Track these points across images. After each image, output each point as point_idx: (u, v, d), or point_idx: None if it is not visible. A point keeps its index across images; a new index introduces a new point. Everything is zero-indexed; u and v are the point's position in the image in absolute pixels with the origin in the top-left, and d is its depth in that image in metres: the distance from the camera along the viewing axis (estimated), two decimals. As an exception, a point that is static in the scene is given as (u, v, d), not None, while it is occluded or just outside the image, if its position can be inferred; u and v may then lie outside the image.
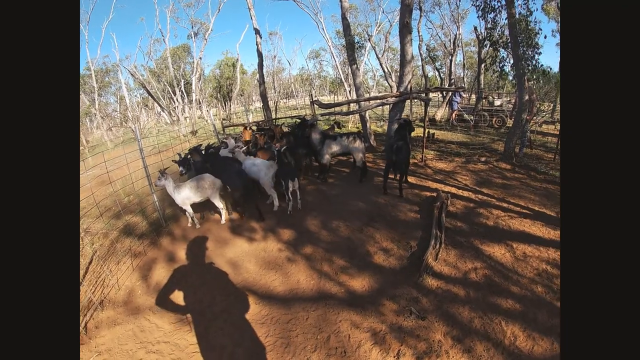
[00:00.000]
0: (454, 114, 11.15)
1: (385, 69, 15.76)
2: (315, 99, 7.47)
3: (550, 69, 6.20)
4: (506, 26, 6.12)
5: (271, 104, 13.66)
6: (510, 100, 11.41)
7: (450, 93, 11.30)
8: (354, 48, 8.64)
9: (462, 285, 2.89)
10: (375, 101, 7.50)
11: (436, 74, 21.16)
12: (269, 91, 24.57)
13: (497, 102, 11.89)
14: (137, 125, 5.64)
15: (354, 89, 8.51)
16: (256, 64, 11.83)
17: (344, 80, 17.81)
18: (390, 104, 6.73)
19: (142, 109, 21.92)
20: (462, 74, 18.13)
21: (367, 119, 8.19)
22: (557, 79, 10.85)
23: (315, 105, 7.31)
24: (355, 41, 9.23)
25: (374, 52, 16.52)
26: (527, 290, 2.75)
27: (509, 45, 6.02)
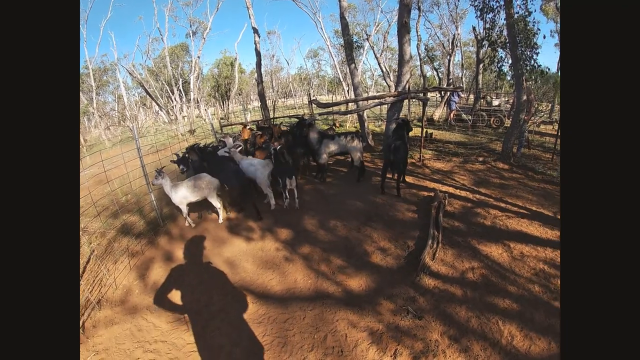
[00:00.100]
0: (452, 114, 11.16)
1: (384, 69, 15.76)
2: (313, 98, 7.45)
3: (549, 69, 6.21)
4: (505, 26, 6.13)
5: (269, 104, 13.62)
6: (508, 100, 11.42)
7: (449, 93, 11.30)
8: (353, 47, 8.64)
9: (459, 284, 2.90)
10: (373, 101, 7.49)
11: (434, 73, 21.17)
12: (267, 90, 24.55)
13: (495, 102, 11.90)
14: (135, 124, 5.61)
15: (352, 89, 8.50)
16: (254, 63, 11.85)
17: (342, 79, 17.79)
18: (388, 104, 6.74)
19: (140, 108, 21.81)
20: (460, 73, 18.12)
21: (365, 118, 8.18)
22: (555, 79, 10.87)
23: (314, 105, 7.30)
24: (354, 41, 9.25)
25: (372, 52, 16.53)
26: (524, 290, 2.75)
27: (508, 45, 6.02)
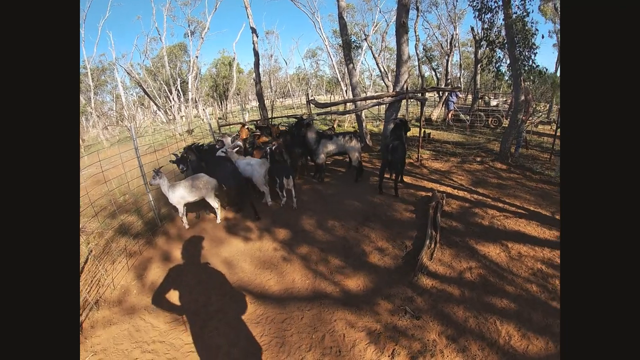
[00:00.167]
0: (450, 114, 11.17)
1: (382, 69, 15.76)
2: (311, 98, 7.43)
3: (547, 69, 6.22)
4: (503, 27, 6.14)
5: (267, 103, 13.61)
6: (506, 101, 11.43)
7: (447, 93, 11.31)
8: (351, 47, 8.64)
9: (457, 284, 2.91)
10: (372, 101, 7.49)
11: (433, 74, 21.21)
12: (266, 90, 24.52)
13: (494, 102, 11.91)
14: (133, 124, 5.59)
15: (351, 89, 8.50)
16: (252, 63, 11.82)
17: (340, 79, 17.78)
18: (387, 104, 6.74)
19: (138, 108, 21.73)
20: (458, 74, 18.13)
21: (363, 118, 8.19)
22: (553, 79, 10.91)
23: (312, 105, 7.30)
24: (352, 41, 9.25)
25: (370, 52, 16.50)
26: (522, 290, 2.77)
27: (506, 45, 6.03)
